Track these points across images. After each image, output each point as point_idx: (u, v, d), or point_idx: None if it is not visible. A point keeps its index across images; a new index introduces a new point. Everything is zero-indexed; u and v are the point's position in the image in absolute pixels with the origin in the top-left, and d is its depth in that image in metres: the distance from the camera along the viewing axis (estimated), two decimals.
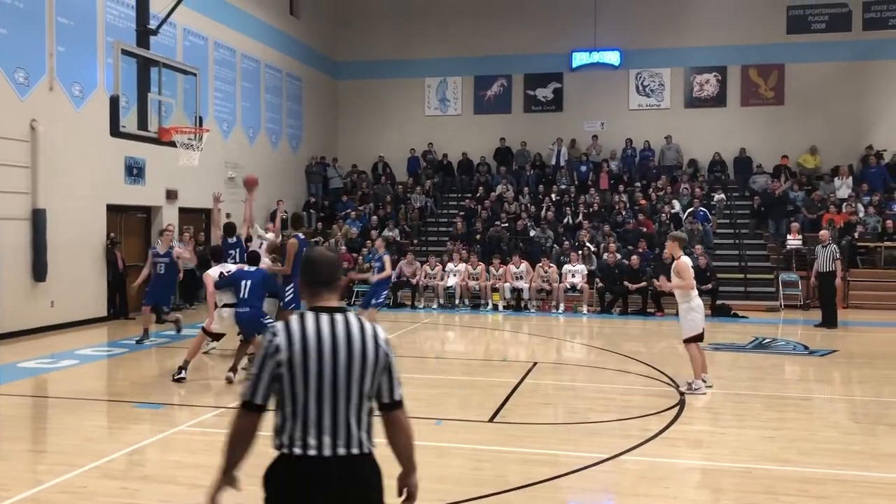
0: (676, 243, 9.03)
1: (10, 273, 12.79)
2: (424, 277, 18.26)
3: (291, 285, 10.25)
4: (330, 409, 2.77)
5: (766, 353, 12.09)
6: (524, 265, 17.89)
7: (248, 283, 9.29)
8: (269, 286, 9.74)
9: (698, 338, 8.86)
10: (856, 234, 18.99)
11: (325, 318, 2.85)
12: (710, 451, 6.72)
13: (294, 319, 2.85)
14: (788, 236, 19.14)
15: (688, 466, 6.23)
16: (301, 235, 10.77)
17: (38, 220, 13.26)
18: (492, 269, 18.07)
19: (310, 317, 2.85)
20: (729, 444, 6.91)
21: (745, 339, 13.24)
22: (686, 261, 8.89)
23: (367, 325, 2.89)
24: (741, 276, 18.82)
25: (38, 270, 13.30)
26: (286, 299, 10.43)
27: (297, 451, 2.78)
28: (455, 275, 18.07)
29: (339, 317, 2.86)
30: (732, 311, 16.68)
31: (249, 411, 2.85)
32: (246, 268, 9.55)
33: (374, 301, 12.71)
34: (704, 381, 8.92)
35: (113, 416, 8.10)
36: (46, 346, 11.98)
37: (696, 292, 8.90)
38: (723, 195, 21.84)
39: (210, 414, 7.85)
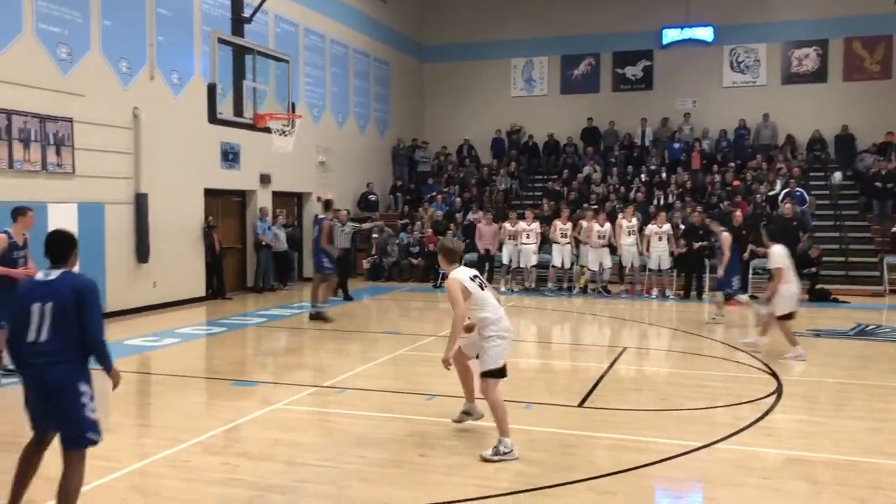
0: (444, 258, 6.40)
1: (116, 255, 13.43)
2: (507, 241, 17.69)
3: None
4: None
5: (869, 339, 11.56)
6: (608, 225, 17.06)
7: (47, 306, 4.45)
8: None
9: (497, 373, 6.13)
10: None
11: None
12: (809, 441, 6.49)
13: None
14: None
15: (786, 457, 6.03)
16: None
17: (140, 203, 13.86)
18: (557, 222, 17.37)
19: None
20: (829, 435, 6.65)
21: (846, 324, 12.69)
22: (456, 277, 6.07)
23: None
24: (842, 259, 18.01)
25: (141, 252, 13.92)
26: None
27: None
28: (530, 235, 17.40)
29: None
30: (832, 296, 16.01)
31: None
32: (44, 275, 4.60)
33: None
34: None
35: (212, 393, 8.44)
36: (150, 325, 12.55)
37: (494, 318, 6.13)
38: (839, 174, 20.80)
39: (304, 393, 8.07)
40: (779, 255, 9.86)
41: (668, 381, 9.14)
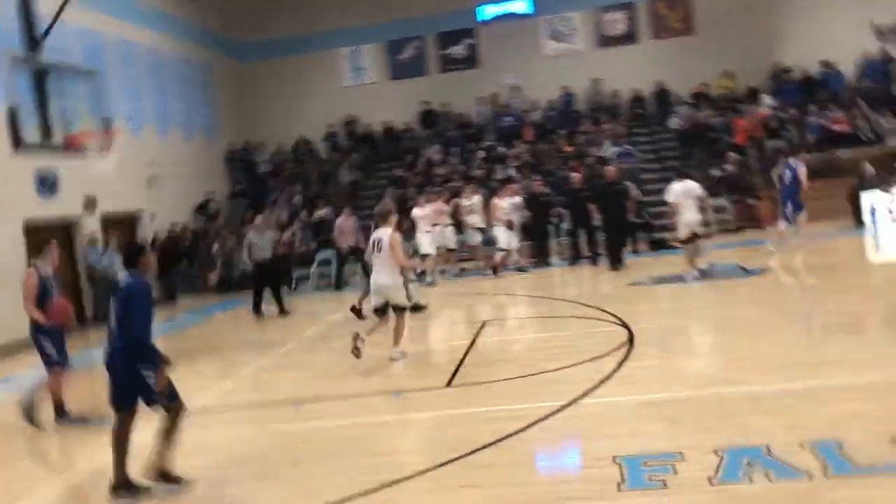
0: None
1: None
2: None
3: None
4: None
5: (708, 280, 12.30)
6: (477, 197, 17.10)
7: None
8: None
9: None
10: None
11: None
12: (664, 383, 6.85)
13: None
14: (727, 166, 19.52)
15: (645, 401, 6.34)
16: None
17: None
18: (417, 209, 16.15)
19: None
20: (681, 375, 7.07)
21: (686, 269, 13.45)
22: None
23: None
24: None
25: None
26: None
27: None
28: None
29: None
30: (668, 243, 16.95)
31: None
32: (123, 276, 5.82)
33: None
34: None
35: (67, 438, 7.84)
36: None
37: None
38: (675, 119, 22.04)
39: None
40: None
41: (528, 347, 9.39)
